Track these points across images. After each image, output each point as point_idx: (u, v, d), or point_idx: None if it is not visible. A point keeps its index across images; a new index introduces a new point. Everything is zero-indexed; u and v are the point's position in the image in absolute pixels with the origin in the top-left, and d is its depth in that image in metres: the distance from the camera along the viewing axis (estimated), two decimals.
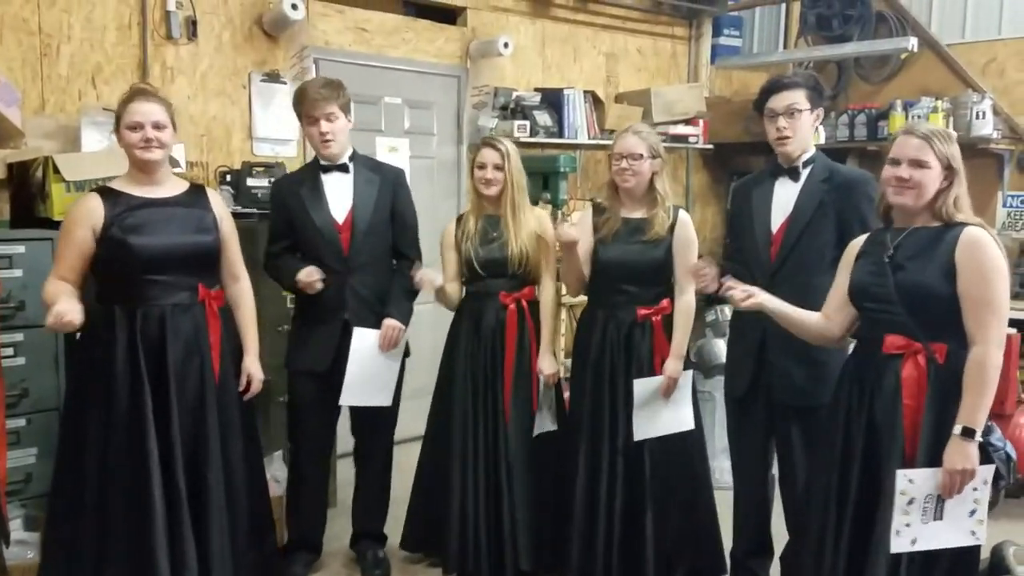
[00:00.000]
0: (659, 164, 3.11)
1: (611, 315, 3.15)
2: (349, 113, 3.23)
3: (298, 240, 3.24)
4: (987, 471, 2.29)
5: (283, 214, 3.26)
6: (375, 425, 3.37)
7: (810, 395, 2.84)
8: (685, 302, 3.12)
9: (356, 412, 3.36)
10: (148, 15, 4.05)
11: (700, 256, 3.13)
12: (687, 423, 3.12)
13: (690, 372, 3.15)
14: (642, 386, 3.08)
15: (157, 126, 2.67)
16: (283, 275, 3.24)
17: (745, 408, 3.07)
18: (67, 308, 2.47)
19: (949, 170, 2.37)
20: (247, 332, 2.96)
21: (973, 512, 2.30)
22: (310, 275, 3.12)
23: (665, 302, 3.13)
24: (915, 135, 2.40)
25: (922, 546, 2.29)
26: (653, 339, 3.11)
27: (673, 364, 3.09)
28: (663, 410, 3.08)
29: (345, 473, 3.63)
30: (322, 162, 3.24)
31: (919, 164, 2.36)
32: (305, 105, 3.15)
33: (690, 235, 3.14)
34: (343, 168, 3.24)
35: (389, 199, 3.28)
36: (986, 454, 2.30)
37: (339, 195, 3.23)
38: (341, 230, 3.21)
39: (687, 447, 3.15)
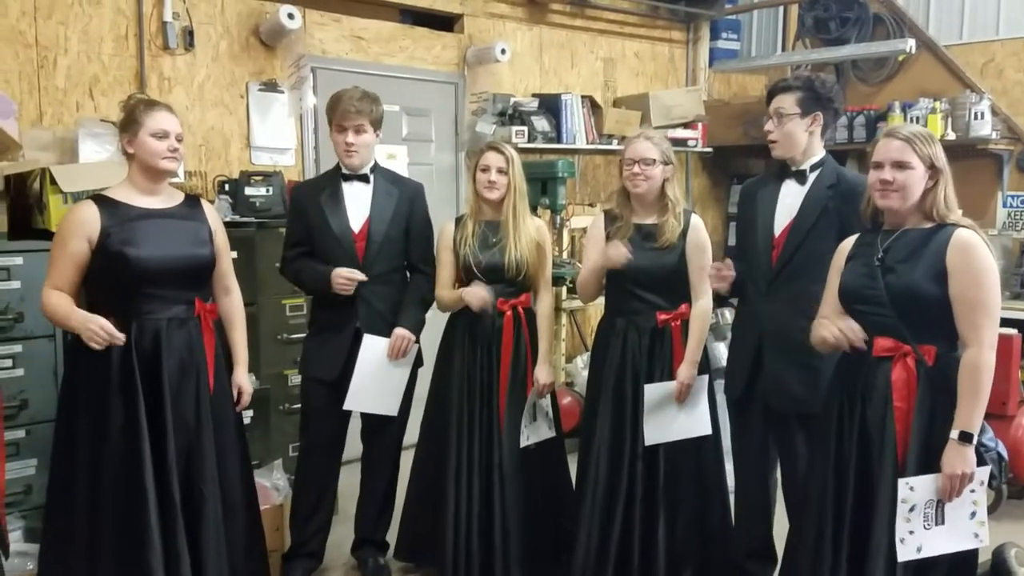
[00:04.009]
0: (670, 170, 3.09)
1: (631, 322, 3.12)
2: (379, 128, 3.27)
3: (315, 246, 3.26)
4: (983, 472, 2.28)
5: (302, 219, 3.28)
6: (383, 433, 3.37)
7: (805, 402, 2.81)
8: (701, 307, 3.09)
9: (366, 418, 3.37)
10: (145, 26, 4.07)
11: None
12: (703, 428, 3.09)
13: (705, 377, 3.12)
14: (653, 391, 3.06)
15: (179, 138, 2.70)
16: (308, 278, 3.26)
17: (743, 411, 3.06)
18: (113, 330, 2.54)
19: (933, 169, 2.36)
20: (238, 345, 2.94)
21: (973, 514, 2.29)
22: (345, 273, 3.11)
23: (684, 307, 3.10)
24: (896, 137, 2.40)
25: (928, 552, 2.28)
26: (673, 345, 3.08)
27: (687, 370, 3.05)
28: (678, 415, 3.06)
29: (347, 481, 3.62)
30: (343, 171, 3.27)
31: (901, 165, 2.36)
32: (337, 113, 3.19)
33: (702, 239, 3.11)
34: (364, 178, 3.27)
35: (406, 212, 3.30)
36: (978, 454, 2.29)
37: (358, 205, 3.25)
38: (357, 239, 3.22)
39: (702, 451, 3.12)
